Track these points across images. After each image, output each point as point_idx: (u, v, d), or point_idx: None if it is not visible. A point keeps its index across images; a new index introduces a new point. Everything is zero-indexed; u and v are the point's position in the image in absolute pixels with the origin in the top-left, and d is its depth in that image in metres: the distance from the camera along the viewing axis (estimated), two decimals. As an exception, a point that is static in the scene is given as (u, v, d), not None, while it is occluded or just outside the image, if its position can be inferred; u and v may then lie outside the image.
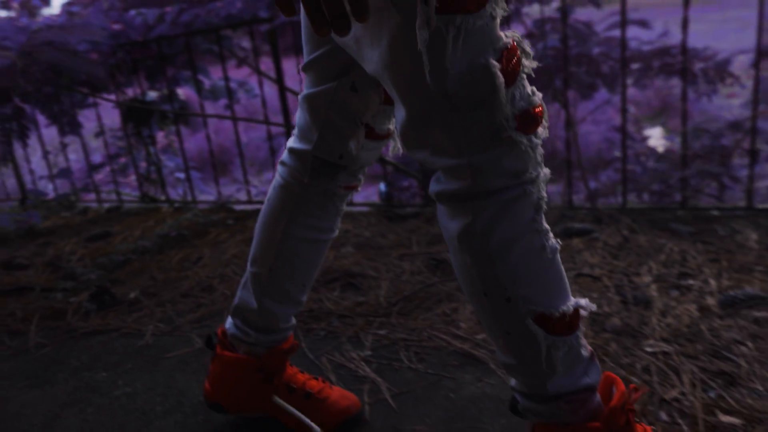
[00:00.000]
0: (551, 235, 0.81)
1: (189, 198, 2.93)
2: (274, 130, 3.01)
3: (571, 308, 0.81)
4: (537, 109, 0.77)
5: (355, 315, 1.56)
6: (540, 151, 0.78)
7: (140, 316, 1.70)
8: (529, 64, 0.77)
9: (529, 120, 0.76)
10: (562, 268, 0.82)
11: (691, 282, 1.51)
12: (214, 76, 2.94)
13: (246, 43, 3.04)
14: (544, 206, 0.79)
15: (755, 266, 1.56)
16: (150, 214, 2.79)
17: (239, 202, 2.85)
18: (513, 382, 0.87)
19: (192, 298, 1.79)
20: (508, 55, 0.74)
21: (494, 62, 0.73)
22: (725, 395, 1.10)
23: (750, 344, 1.24)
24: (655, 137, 3.61)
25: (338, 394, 1.15)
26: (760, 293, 1.40)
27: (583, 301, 0.83)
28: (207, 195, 3.22)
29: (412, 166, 2.88)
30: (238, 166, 3.40)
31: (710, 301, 1.41)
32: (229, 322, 1.12)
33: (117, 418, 1.25)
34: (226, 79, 2.69)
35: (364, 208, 2.53)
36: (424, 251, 1.91)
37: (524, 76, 0.77)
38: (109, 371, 1.44)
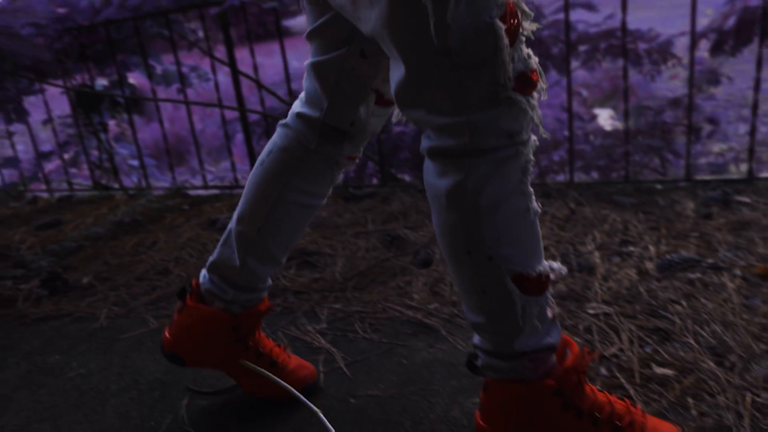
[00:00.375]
0: (534, 198, 0.83)
1: (144, 185, 2.89)
2: (229, 115, 2.99)
3: (545, 270, 0.85)
4: (533, 73, 0.78)
5: (311, 291, 1.58)
6: (538, 113, 0.79)
7: (94, 301, 1.69)
8: (528, 26, 0.78)
9: (525, 82, 0.77)
10: (540, 231, 0.85)
11: (632, 249, 1.59)
12: (165, 62, 2.90)
13: (197, 28, 3.01)
14: (531, 169, 0.81)
15: (691, 233, 1.64)
16: (103, 202, 2.74)
17: (195, 187, 2.83)
18: (477, 340, 0.90)
19: (147, 282, 1.78)
20: (510, 15, 0.75)
21: (499, 21, 0.73)
22: (660, 350, 1.17)
23: (684, 303, 1.31)
24: (604, 118, 3.72)
25: (296, 363, 1.17)
26: (695, 256, 1.48)
27: (555, 264, 0.86)
28: (163, 183, 3.19)
29: (368, 149, 2.90)
30: (195, 155, 3.37)
31: (649, 265, 1.48)
32: (204, 276, 1.10)
33: (71, 398, 1.24)
34: (178, 63, 2.66)
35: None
36: (380, 229, 1.94)
37: (523, 38, 0.77)
38: (62, 354, 1.43)
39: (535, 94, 0.80)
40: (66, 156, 3.02)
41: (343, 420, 1.07)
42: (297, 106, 1.02)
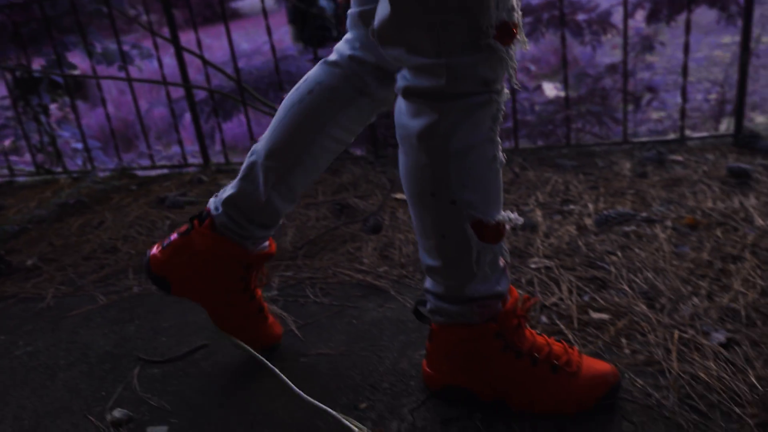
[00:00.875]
0: (500, 148, 0.86)
1: (89, 167, 2.82)
2: (175, 94, 2.94)
3: (503, 219, 0.88)
4: (514, 27, 0.79)
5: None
6: (514, 64, 0.81)
7: (39, 281, 1.66)
8: None
9: (506, 32, 0.78)
10: (501, 181, 0.88)
11: (572, 207, 1.65)
12: (106, 41, 2.82)
13: (140, 13, 2.93)
14: (501, 119, 0.83)
15: (627, 190, 1.72)
16: (47, 186, 2.67)
17: (143, 168, 2.77)
18: (429, 284, 0.93)
19: (95, 261, 1.76)
20: None
21: None
22: (597, 297, 1.23)
23: (619, 253, 1.37)
24: (549, 89, 3.81)
25: (272, 319, 1.18)
26: (630, 211, 1.55)
27: (513, 215, 0.90)
28: (109, 166, 3.11)
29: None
30: (143, 140, 3.29)
31: (587, 221, 1.55)
32: (218, 209, 1.06)
33: (19, 375, 1.23)
34: (119, 42, 2.59)
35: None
36: (330, 199, 1.96)
37: None
38: (7, 334, 1.40)
39: (513, 46, 0.81)
40: (6, 142, 2.91)
41: (294, 378, 1.09)
42: (347, 49, 0.99)
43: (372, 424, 0.96)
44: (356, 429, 0.91)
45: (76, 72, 2.97)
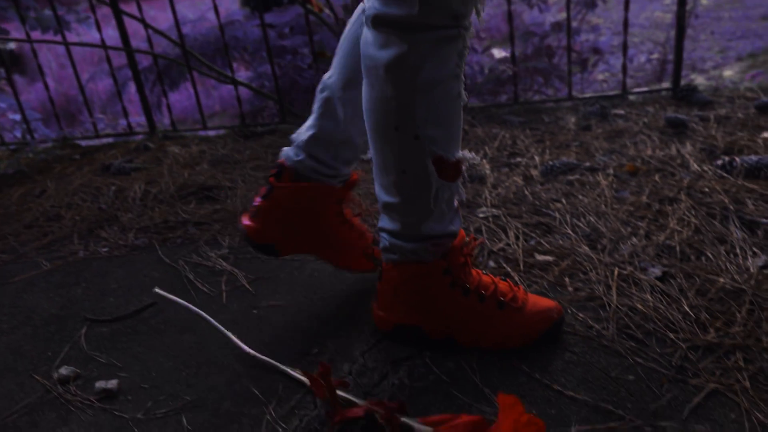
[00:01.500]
0: (464, 86, 0.86)
1: (28, 138, 2.71)
2: (117, 61, 2.84)
3: (462, 157, 0.89)
4: None
5: (211, 221, 1.57)
6: (484, 1, 0.81)
7: (-22, 251, 1.60)
8: None
9: None
10: (462, 120, 0.89)
11: (519, 160, 1.68)
12: (41, 9, 2.68)
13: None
14: (466, 56, 0.84)
15: (572, 143, 1.76)
16: (-18, 159, 2.56)
17: (86, 137, 2.68)
18: (385, 222, 0.94)
19: (37, 228, 1.70)
20: None
21: None
22: (542, 241, 1.26)
23: (564, 201, 1.41)
24: (498, 53, 3.84)
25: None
26: (574, 161, 1.59)
27: (470, 154, 0.90)
28: (51, 136, 2.99)
29: (267, 88, 2.86)
30: (86, 114, 3.17)
31: (533, 172, 1.58)
32: (297, 155, 1.04)
33: (-40, 342, 1.19)
34: (53, 7, 2.47)
35: (220, 131, 2.50)
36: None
37: None
38: (-54, 303, 1.35)
39: None
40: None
41: (245, 329, 1.09)
42: None
43: (324, 367, 0.97)
44: (297, 375, 0.92)
45: (14, 50, 2.83)
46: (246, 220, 1.09)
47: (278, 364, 0.96)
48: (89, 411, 0.93)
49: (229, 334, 1.02)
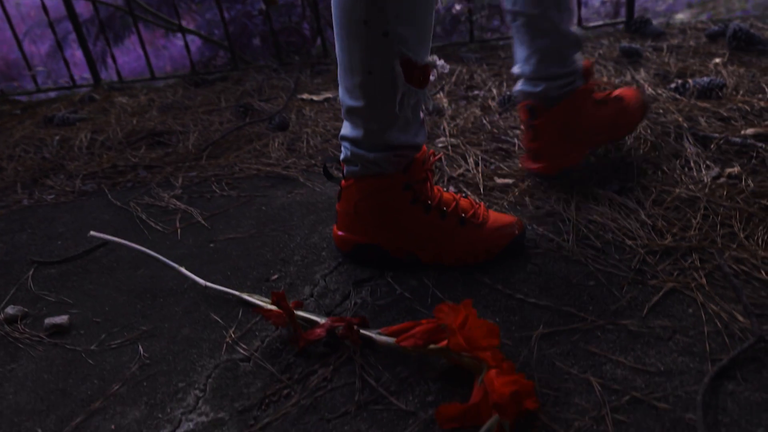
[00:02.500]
0: None
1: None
2: (55, 13, 2.68)
3: (431, 62, 0.85)
4: None
5: (163, 164, 1.52)
6: None
7: None
8: None
9: None
10: (433, 24, 0.85)
11: (476, 92, 1.66)
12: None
13: None
14: None
15: (530, 74, 1.75)
16: None
17: (26, 92, 2.55)
18: (347, 130, 0.90)
19: (-24, 181, 1.62)
20: None
21: None
22: (502, 165, 1.25)
23: (522, 128, 1.40)
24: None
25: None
26: (532, 91, 1.58)
27: (441, 62, 0.87)
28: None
29: (217, 36, 2.75)
30: (27, 76, 2.99)
31: (491, 103, 1.57)
32: (536, 85, 1.09)
33: None
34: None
35: (170, 81, 2.40)
36: (233, 105, 1.88)
37: None
38: None
39: None
40: None
41: (201, 262, 1.06)
42: None
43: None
44: (255, 301, 0.90)
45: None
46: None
47: (236, 292, 0.93)
48: (39, 347, 0.89)
49: (181, 268, 0.99)
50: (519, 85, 1.13)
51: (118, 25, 3.05)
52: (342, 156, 0.93)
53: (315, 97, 1.83)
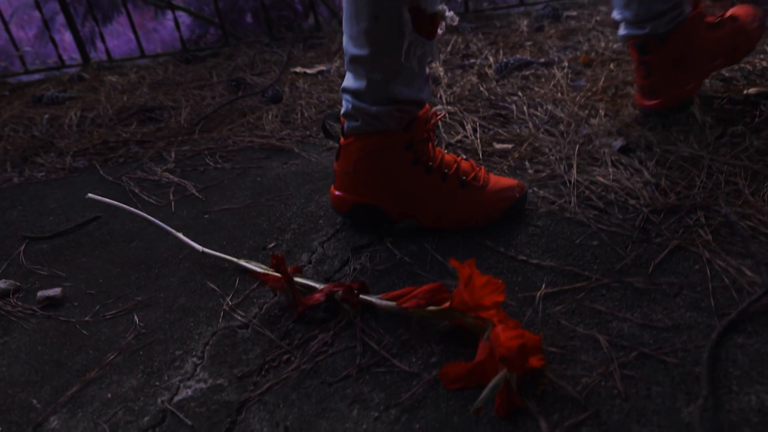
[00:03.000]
0: None
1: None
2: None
3: (441, 12, 0.82)
4: None
5: (155, 139, 1.49)
6: None
7: None
8: None
9: None
10: None
11: (473, 61, 1.63)
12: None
13: None
14: None
15: (525, 42, 1.72)
16: None
17: (14, 73, 2.50)
18: (350, 82, 0.87)
19: (-35, 161, 1.58)
20: None
21: None
22: (500, 131, 1.23)
23: (520, 93, 1.38)
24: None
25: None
26: (529, 58, 1.55)
27: (450, 13, 0.84)
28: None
29: (206, 12, 2.70)
30: (14, 58, 2.94)
31: (488, 70, 1.54)
32: (643, 27, 1.06)
33: None
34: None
35: (160, 59, 2.36)
36: (225, 80, 1.84)
37: None
38: None
39: None
40: None
41: (197, 233, 1.04)
42: None
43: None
44: (253, 267, 0.88)
45: None
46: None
47: (232, 258, 0.91)
48: (32, 320, 0.87)
49: (179, 234, 0.96)
50: (622, 30, 1.11)
51: (105, 4, 3.00)
52: (342, 110, 0.90)
53: (308, 70, 1.80)
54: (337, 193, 0.95)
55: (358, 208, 0.93)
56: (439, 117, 0.93)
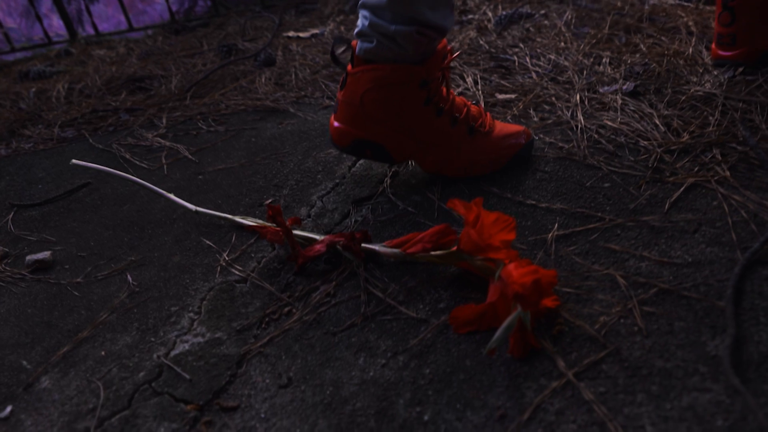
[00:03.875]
0: None
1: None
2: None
3: None
4: None
5: (145, 107, 1.44)
6: None
7: None
8: None
9: None
10: None
11: (471, 16, 1.58)
12: None
13: None
14: None
15: (525, -4, 1.66)
16: None
17: (0, 52, 2.44)
18: None
19: (-48, 137, 1.54)
20: None
21: None
22: (503, 82, 1.19)
23: (521, 45, 1.33)
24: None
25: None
26: (529, 11, 1.50)
27: None
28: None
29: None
30: (4, 43, 2.86)
31: (488, 24, 1.49)
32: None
33: None
34: None
35: (149, 31, 2.30)
36: (216, 48, 1.79)
37: None
38: None
39: None
40: None
41: (191, 193, 1.00)
42: None
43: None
44: (249, 222, 0.84)
45: None
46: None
47: (228, 215, 0.87)
48: (22, 283, 0.83)
49: (170, 195, 0.92)
50: None
51: (92, -19, 2.92)
52: (357, 29, 0.82)
53: (302, 34, 1.75)
54: (336, 124, 0.88)
55: (359, 143, 0.86)
56: (455, 55, 0.88)
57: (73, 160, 0.97)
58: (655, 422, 0.49)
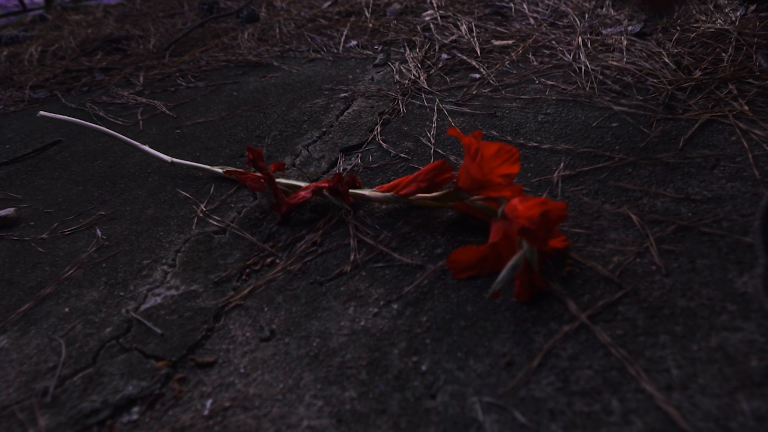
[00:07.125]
0: None
1: None
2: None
3: None
4: None
5: (122, 66, 1.36)
6: None
7: None
8: None
9: None
10: None
11: (464, -33, 1.50)
12: None
13: None
14: None
15: (521, -54, 1.58)
16: None
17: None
18: None
19: None
20: None
21: None
22: (499, 29, 1.12)
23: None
24: None
25: None
26: (525, -42, 1.42)
27: None
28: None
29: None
30: None
31: (482, -27, 1.41)
32: None
33: None
34: None
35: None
36: (196, 6, 1.71)
37: None
38: None
39: None
40: None
41: (167, 147, 0.93)
42: None
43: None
44: (220, 170, 0.78)
45: None
46: None
47: (206, 166, 0.80)
48: (-17, 242, 0.77)
49: (144, 146, 0.86)
50: None
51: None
52: None
53: None
54: None
55: None
56: None
57: (41, 112, 0.90)
58: (681, 364, 0.44)
